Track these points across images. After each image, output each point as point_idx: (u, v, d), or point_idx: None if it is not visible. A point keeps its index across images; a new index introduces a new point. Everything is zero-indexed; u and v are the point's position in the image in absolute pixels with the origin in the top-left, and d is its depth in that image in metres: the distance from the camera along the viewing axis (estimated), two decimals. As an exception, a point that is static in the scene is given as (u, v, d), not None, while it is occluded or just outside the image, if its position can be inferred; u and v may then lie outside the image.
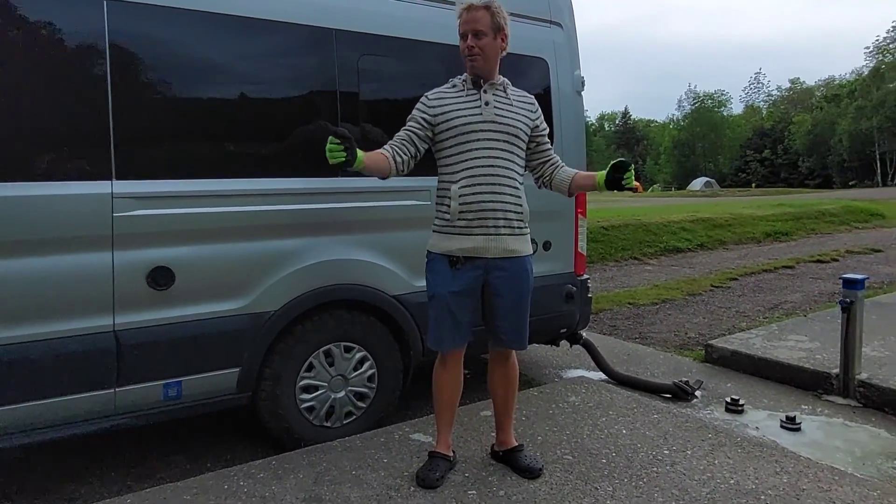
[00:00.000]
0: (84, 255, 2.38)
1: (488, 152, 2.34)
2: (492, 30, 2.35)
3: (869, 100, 41.69)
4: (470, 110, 2.37)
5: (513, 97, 2.45)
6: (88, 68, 2.38)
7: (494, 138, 2.36)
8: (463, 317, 2.38)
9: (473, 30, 2.34)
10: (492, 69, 2.41)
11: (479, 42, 2.34)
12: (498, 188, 2.34)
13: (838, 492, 2.38)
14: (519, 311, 2.43)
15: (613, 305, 6.34)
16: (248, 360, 2.69)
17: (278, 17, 2.75)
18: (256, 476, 2.46)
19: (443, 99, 2.41)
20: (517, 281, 2.40)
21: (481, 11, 2.34)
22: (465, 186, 2.33)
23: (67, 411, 2.36)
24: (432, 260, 2.42)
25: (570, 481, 2.44)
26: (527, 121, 2.45)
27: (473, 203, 2.32)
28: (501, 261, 2.37)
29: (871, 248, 10.66)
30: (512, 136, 2.39)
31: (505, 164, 2.37)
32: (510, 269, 2.38)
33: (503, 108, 2.40)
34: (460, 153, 2.35)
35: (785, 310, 6.15)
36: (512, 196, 2.38)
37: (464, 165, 2.34)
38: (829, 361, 3.94)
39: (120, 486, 2.68)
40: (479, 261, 2.35)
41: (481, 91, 2.40)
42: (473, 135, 2.34)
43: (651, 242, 10.19)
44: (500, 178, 2.35)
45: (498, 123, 2.37)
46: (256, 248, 2.70)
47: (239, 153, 2.71)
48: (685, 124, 58.64)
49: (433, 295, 2.40)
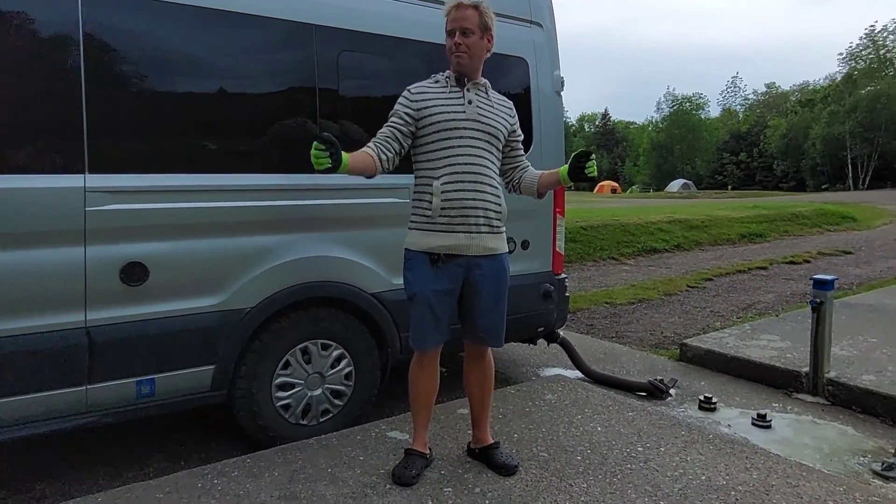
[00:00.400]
0: (55, 249, 2.33)
1: (471, 150, 2.35)
2: (479, 29, 2.36)
3: (842, 105, 42.60)
4: (454, 107, 2.37)
5: (493, 99, 2.47)
6: (62, 59, 2.33)
7: (477, 137, 2.37)
8: (443, 315, 2.38)
9: (461, 27, 2.34)
10: (476, 68, 2.42)
11: (466, 40, 2.35)
12: (480, 186, 2.35)
13: (806, 487, 2.43)
14: (497, 309, 2.44)
15: (591, 305, 6.40)
16: (224, 358, 2.66)
17: (257, 12, 2.72)
18: (230, 474, 2.44)
19: (426, 94, 2.40)
20: (496, 279, 2.41)
21: (470, 10, 2.35)
22: (448, 183, 2.32)
23: (37, 409, 2.31)
24: (411, 258, 2.40)
25: (545, 478, 2.46)
26: (506, 124, 2.48)
27: (456, 200, 2.32)
28: (481, 259, 2.38)
29: (841, 251, 10.91)
30: (492, 137, 2.41)
31: (486, 164, 2.38)
32: (489, 267, 2.39)
33: (485, 109, 2.41)
34: (443, 149, 2.35)
35: (758, 310, 6.27)
36: (492, 195, 2.39)
37: (446, 162, 2.34)
38: (800, 360, 4.02)
39: (90, 484, 2.64)
40: (459, 259, 2.35)
41: (465, 89, 2.40)
42: (457, 132, 2.34)
43: (629, 243, 10.31)
44: (482, 176, 2.36)
45: (480, 123, 2.38)
46: (233, 245, 2.68)
47: (215, 148, 2.68)
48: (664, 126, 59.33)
49: (414, 294, 2.38)
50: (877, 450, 3.10)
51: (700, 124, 57.53)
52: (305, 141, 2.83)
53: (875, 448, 3.13)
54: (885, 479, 2.80)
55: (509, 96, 2.61)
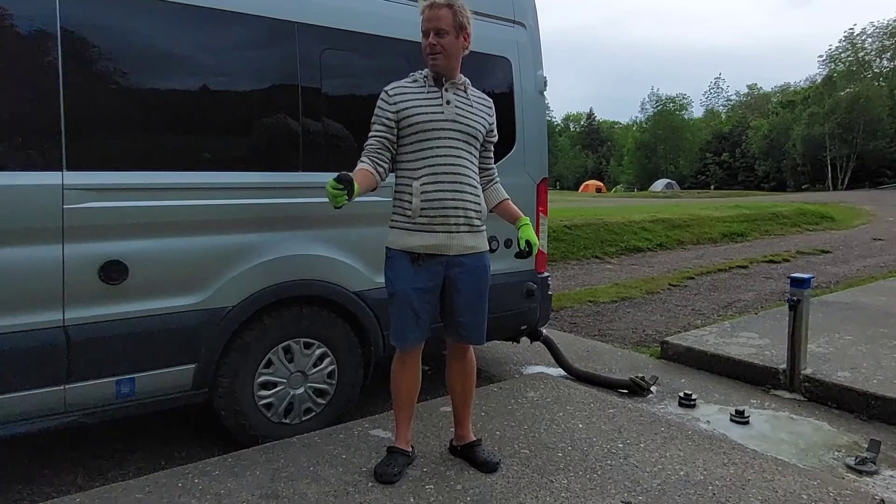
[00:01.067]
0: (32, 247, 2.30)
1: (450, 150, 2.35)
2: (454, 28, 2.34)
3: (821, 106, 43.17)
4: (432, 108, 2.36)
5: (472, 98, 2.46)
6: (39, 55, 2.31)
7: (456, 137, 2.37)
8: (424, 313, 2.38)
9: (436, 28, 2.32)
10: (453, 68, 2.40)
11: (441, 40, 2.33)
12: (459, 186, 2.36)
13: (781, 482, 2.48)
14: (478, 307, 2.45)
15: (574, 303, 6.45)
16: (205, 357, 2.65)
17: (238, 8, 2.71)
18: (212, 473, 2.43)
19: (404, 94, 2.38)
20: (476, 276, 2.42)
21: (444, 9, 2.32)
22: (427, 183, 2.33)
23: (14, 409, 2.29)
24: (392, 257, 2.41)
25: (526, 475, 2.48)
26: (484, 122, 2.47)
27: (435, 200, 2.32)
28: (461, 257, 2.39)
29: (820, 250, 11.09)
30: (471, 137, 2.41)
31: (465, 163, 2.39)
32: (469, 265, 2.41)
33: (464, 108, 2.41)
34: (422, 150, 2.35)
35: (738, 308, 6.36)
36: (472, 194, 2.40)
37: (425, 163, 2.34)
38: (778, 357, 4.09)
39: (69, 485, 2.61)
40: (440, 258, 2.36)
41: (443, 89, 2.39)
42: (435, 132, 2.34)
43: (612, 242, 10.39)
44: (462, 175, 2.37)
45: (459, 123, 2.37)
46: (214, 243, 2.66)
47: (196, 145, 2.66)
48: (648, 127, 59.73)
49: (395, 292, 2.38)
50: (851, 444, 3.17)
51: (683, 125, 58.02)
52: (287, 138, 2.85)
53: (849, 443, 3.19)
54: (859, 472, 2.87)
55: (492, 96, 2.62)
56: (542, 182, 3.71)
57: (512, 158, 3.54)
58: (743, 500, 2.33)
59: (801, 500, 2.35)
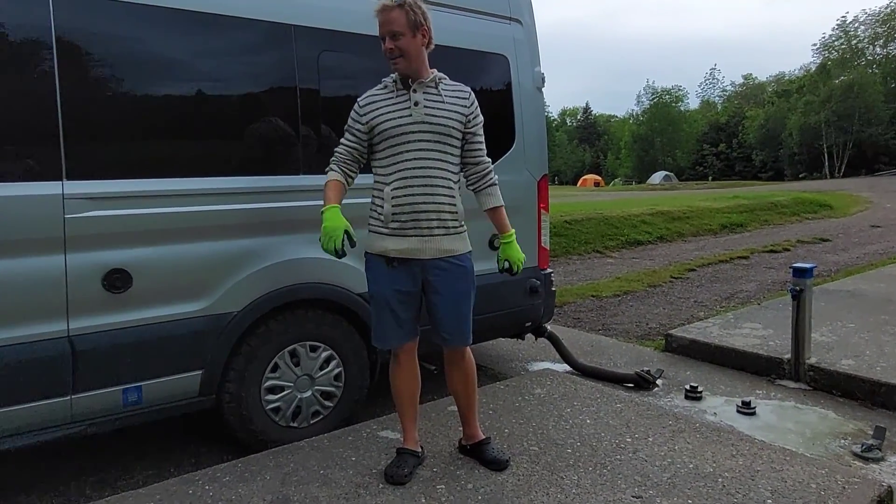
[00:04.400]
0: (35, 258, 2.30)
1: (420, 153, 2.31)
2: (409, 28, 2.28)
3: (816, 95, 43.17)
4: (399, 112, 2.32)
5: (445, 92, 2.38)
6: (34, 64, 2.30)
7: (426, 139, 2.32)
8: (404, 314, 2.38)
9: (390, 31, 2.27)
10: (418, 67, 2.34)
11: (397, 43, 2.27)
12: (430, 189, 2.32)
13: (790, 471, 2.48)
14: (458, 309, 2.40)
15: (577, 298, 6.45)
16: (211, 363, 2.64)
17: (235, 13, 2.70)
18: (222, 480, 2.43)
19: (374, 103, 2.37)
20: (454, 278, 2.38)
21: (395, 11, 2.26)
22: (398, 188, 2.31)
23: (20, 421, 2.28)
24: (369, 260, 2.43)
25: (536, 472, 2.48)
26: (459, 116, 2.37)
27: (406, 206, 2.31)
28: (438, 260, 2.36)
29: (819, 238, 11.11)
30: (444, 136, 2.34)
31: (437, 165, 2.34)
32: (447, 268, 2.37)
33: (434, 108, 2.34)
34: (392, 156, 2.33)
35: (740, 299, 6.36)
36: (446, 197, 2.35)
37: (396, 168, 2.32)
38: (782, 347, 4.10)
39: (78, 495, 2.61)
40: (414, 262, 2.35)
41: (411, 91, 2.34)
42: (404, 137, 2.31)
43: (613, 236, 10.39)
44: (433, 178, 2.32)
45: (429, 124, 2.32)
46: (217, 249, 2.66)
47: (196, 151, 2.66)
48: (644, 119, 59.75)
49: (373, 294, 2.42)
50: (856, 432, 3.17)
51: (680, 116, 58.07)
52: (287, 142, 2.85)
53: (855, 430, 3.20)
54: (865, 460, 2.87)
55: (490, 94, 2.61)
56: (542, 179, 3.71)
57: (512, 156, 3.54)
58: (752, 491, 2.33)
59: (809, 489, 2.35)
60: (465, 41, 3.35)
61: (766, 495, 2.30)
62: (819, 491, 2.34)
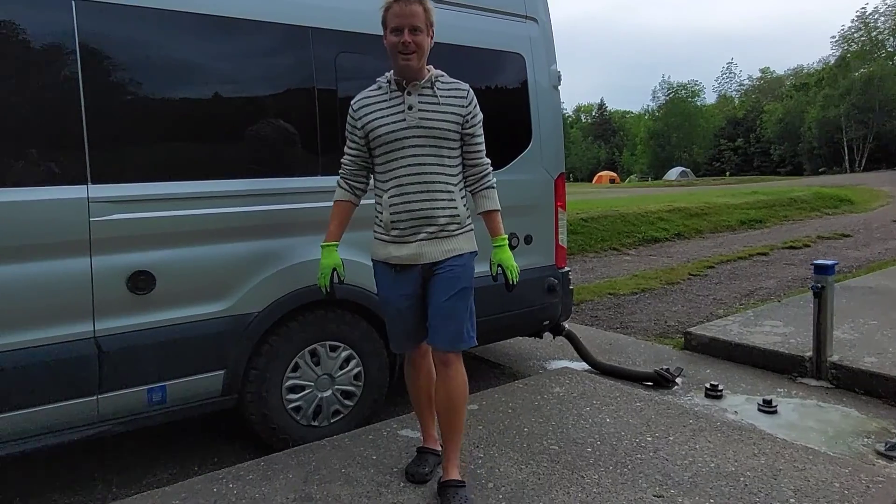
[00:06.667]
0: (61, 261, 2.35)
1: (415, 159, 2.24)
2: (426, 25, 2.22)
3: (835, 88, 42.49)
4: (393, 117, 2.25)
5: (440, 93, 2.28)
6: (59, 70, 2.34)
7: (421, 144, 2.24)
8: (412, 318, 2.35)
9: (411, 25, 2.17)
10: (422, 67, 2.26)
11: (416, 38, 2.18)
12: (428, 196, 2.25)
13: (812, 470, 2.46)
14: (452, 310, 2.26)
15: (594, 296, 6.42)
16: (234, 362, 2.68)
17: (253, 16, 2.73)
18: (245, 478, 2.46)
19: (368, 106, 2.31)
20: (451, 278, 2.28)
21: (416, 5, 2.19)
22: (395, 196, 2.26)
23: (49, 420, 2.34)
24: (375, 266, 2.41)
25: (556, 471, 2.48)
26: (455, 118, 2.27)
27: (404, 213, 2.25)
28: (439, 262, 2.29)
29: (840, 234, 10.94)
30: (439, 139, 2.25)
31: (434, 170, 2.26)
32: (445, 266, 2.29)
33: (429, 110, 2.25)
34: (388, 162, 2.27)
35: (760, 296, 6.29)
36: (445, 201, 2.27)
37: (392, 175, 2.26)
38: (803, 345, 4.05)
39: (105, 493, 2.66)
40: (415, 267, 2.30)
41: (405, 94, 2.26)
42: (398, 143, 2.24)
43: (629, 233, 10.33)
44: (431, 184, 2.25)
45: (423, 128, 2.23)
46: (239, 250, 2.69)
47: (217, 154, 2.69)
48: (660, 115, 59.10)
49: (382, 300, 2.42)
50: (880, 430, 3.13)
51: (696, 111, 57.34)
52: (306, 144, 2.87)
53: (878, 429, 3.15)
54: (889, 458, 2.84)
55: (506, 92, 2.60)
56: (559, 177, 3.70)
57: (529, 155, 3.54)
58: (775, 490, 2.32)
59: (832, 488, 2.33)
60: (482, 40, 3.36)
61: (788, 494, 2.29)
62: (842, 490, 2.31)
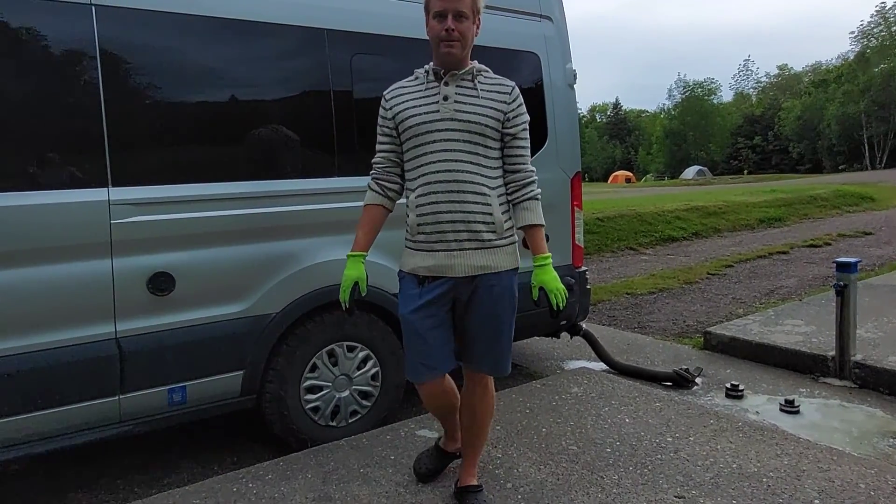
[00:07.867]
0: (83, 263, 2.38)
1: (447, 154, 2.03)
2: (472, 13, 2.05)
3: (855, 84, 41.90)
4: (426, 107, 2.07)
5: (482, 86, 2.10)
6: (79, 75, 2.37)
7: (454, 138, 2.03)
8: (434, 341, 2.08)
9: (456, 10, 2.00)
10: (465, 57, 2.10)
11: (460, 25, 2.02)
12: (458, 196, 2.02)
13: (837, 471, 2.41)
14: (493, 334, 2.11)
15: (612, 296, 6.38)
16: (252, 363, 2.70)
17: (269, 19, 2.75)
18: (265, 478, 2.48)
19: (401, 95, 2.14)
20: (491, 301, 2.08)
21: None
22: (422, 196, 2.05)
23: (72, 420, 2.37)
24: (402, 279, 2.19)
25: (575, 471, 2.46)
26: (495, 113, 2.07)
27: (429, 215, 2.04)
28: (473, 278, 2.07)
29: (862, 231, 10.75)
30: (476, 135, 2.05)
31: (468, 168, 2.04)
32: (484, 286, 2.08)
33: (466, 102, 2.06)
34: (417, 157, 2.08)
35: (780, 295, 6.20)
36: (478, 204, 2.04)
37: (421, 171, 2.07)
38: (825, 344, 3.98)
39: (126, 492, 2.69)
40: (445, 279, 2.07)
41: (442, 83, 2.09)
42: (429, 135, 2.05)
43: (646, 232, 10.24)
44: (462, 183, 2.03)
45: (458, 121, 2.04)
46: (257, 251, 2.71)
47: (235, 156, 2.71)
48: (676, 113, 58.64)
49: (401, 318, 2.15)
50: (909, 432, 3.07)
51: (713, 110, 56.77)
52: (323, 145, 2.89)
53: (907, 430, 3.09)
54: (920, 461, 2.78)
55: (522, 92, 2.58)
56: (575, 176, 3.68)
57: (545, 154, 3.52)
58: (799, 491, 2.28)
59: (858, 489, 2.29)
60: (497, 40, 3.34)
61: (813, 496, 2.25)
62: (868, 491, 2.27)
